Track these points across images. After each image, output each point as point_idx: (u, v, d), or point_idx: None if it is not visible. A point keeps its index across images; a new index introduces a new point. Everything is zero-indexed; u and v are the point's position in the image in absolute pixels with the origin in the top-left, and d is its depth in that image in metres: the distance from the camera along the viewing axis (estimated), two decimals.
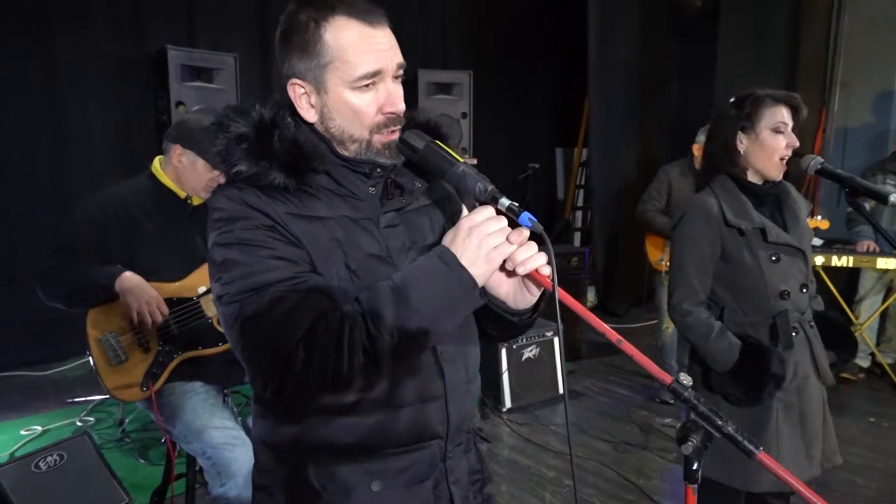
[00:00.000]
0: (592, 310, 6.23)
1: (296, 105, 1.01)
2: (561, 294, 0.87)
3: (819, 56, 4.84)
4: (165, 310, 1.93)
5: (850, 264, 3.78)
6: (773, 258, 1.70)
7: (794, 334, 1.70)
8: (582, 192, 7.09)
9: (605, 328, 0.85)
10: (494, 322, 1.07)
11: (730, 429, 0.73)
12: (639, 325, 5.54)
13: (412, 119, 1.07)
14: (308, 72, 0.98)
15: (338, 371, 0.89)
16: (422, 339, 0.92)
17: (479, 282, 0.92)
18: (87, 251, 1.95)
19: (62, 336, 4.06)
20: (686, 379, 0.77)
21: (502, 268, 0.92)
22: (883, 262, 3.72)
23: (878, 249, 3.77)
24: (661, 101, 6.12)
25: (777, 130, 1.68)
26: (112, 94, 4.56)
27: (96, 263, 1.93)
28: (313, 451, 1.01)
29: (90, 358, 1.96)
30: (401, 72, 1.00)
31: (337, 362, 0.89)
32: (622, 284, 5.90)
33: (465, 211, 0.96)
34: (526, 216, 0.88)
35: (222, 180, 2.20)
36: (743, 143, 1.73)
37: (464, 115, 5.37)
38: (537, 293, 0.98)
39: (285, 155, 0.96)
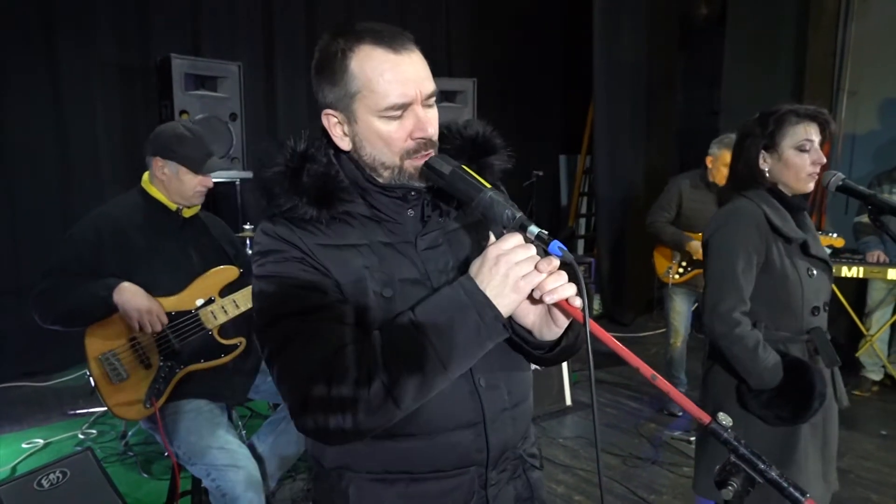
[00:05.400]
0: (598, 318, 6.22)
1: (331, 134, 1.02)
2: (593, 326, 0.84)
3: (826, 64, 4.80)
4: (165, 319, 1.92)
5: (860, 275, 3.74)
6: (810, 272, 1.65)
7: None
8: (586, 199, 7.07)
9: (639, 363, 0.82)
10: (519, 353, 1.04)
11: (774, 474, 0.69)
12: (645, 334, 5.49)
13: (460, 133, 1.07)
14: (338, 102, 0.98)
15: (355, 405, 0.88)
16: (443, 374, 0.90)
17: (505, 312, 0.89)
18: (82, 272, 1.92)
19: (64, 346, 4.03)
20: (725, 419, 0.73)
21: (530, 297, 0.89)
22: (894, 273, 3.68)
23: (887, 260, 3.73)
24: (667, 109, 6.09)
25: (801, 149, 1.63)
26: (116, 102, 4.56)
27: (92, 279, 1.90)
28: (352, 473, 1.03)
29: (90, 378, 1.92)
30: (431, 99, 0.99)
31: (354, 394, 0.88)
32: (628, 293, 5.86)
33: (492, 238, 0.93)
34: (556, 244, 0.85)
35: (209, 183, 2.18)
36: (767, 161, 1.69)
37: None
38: (563, 325, 0.95)
39: (313, 189, 0.98)
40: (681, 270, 3.59)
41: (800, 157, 1.64)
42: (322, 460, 1.07)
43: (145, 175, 2.12)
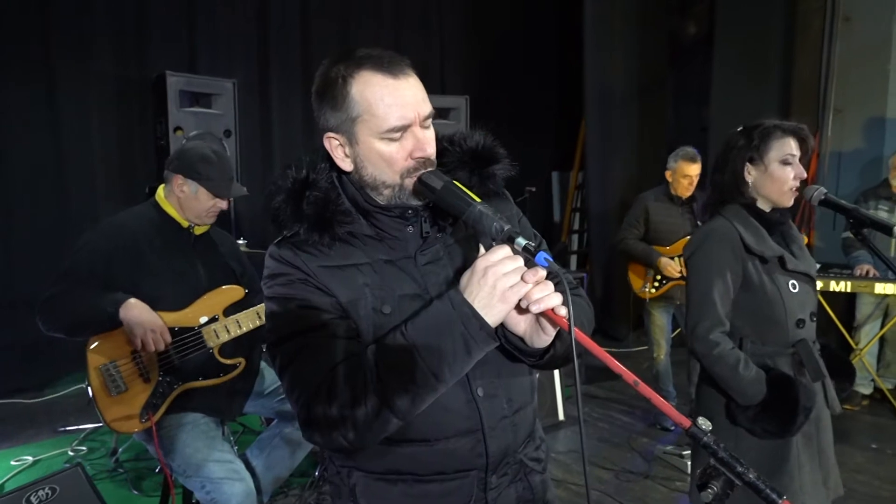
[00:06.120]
0: (591, 333, 6.28)
1: (332, 156, 1.07)
2: (577, 334, 0.86)
3: (813, 82, 4.90)
4: (168, 338, 1.92)
5: (849, 289, 3.79)
6: (792, 286, 1.69)
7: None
8: (578, 215, 7.12)
9: (621, 369, 0.84)
10: (515, 361, 1.07)
11: (751, 476, 0.71)
12: (638, 349, 5.50)
13: (460, 145, 1.12)
14: (340, 125, 1.03)
15: (354, 417, 0.94)
16: (435, 384, 0.94)
17: (493, 322, 0.92)
18: (91, 280, 1.93)
19: (55, 362, 4.02)
20: (705, 423, 0.76)
21: (518, 307, 0.93)
22: (881, 287, 3.72)
23: (876, 274, 3.78)
24: (657, 126, 6.17)
25: (785, 162, 1.68)
26: (112, 118, 4.59)
27: (100, 291, 1.92)
28: (359, 472, 1.09)
29: (88, 388, 1.93)
30: (429, 120, 1.03)
31: (352, 408, 0.94)
32: (620, 308, 5.88)
33: (482, 250, 0.96)
34: (542, 255, 0.88)
35: (223, 206, 2.22)
36: (751, 173, 1.73)
37: None
38: (552, 333, 0.98)
39: (314, 216, 1.04)
40: (656, 284, 3.66)
41: (784, 171, 1.68)
42: (333, 459, 1.14)
43: (160, 189, 2.14)
